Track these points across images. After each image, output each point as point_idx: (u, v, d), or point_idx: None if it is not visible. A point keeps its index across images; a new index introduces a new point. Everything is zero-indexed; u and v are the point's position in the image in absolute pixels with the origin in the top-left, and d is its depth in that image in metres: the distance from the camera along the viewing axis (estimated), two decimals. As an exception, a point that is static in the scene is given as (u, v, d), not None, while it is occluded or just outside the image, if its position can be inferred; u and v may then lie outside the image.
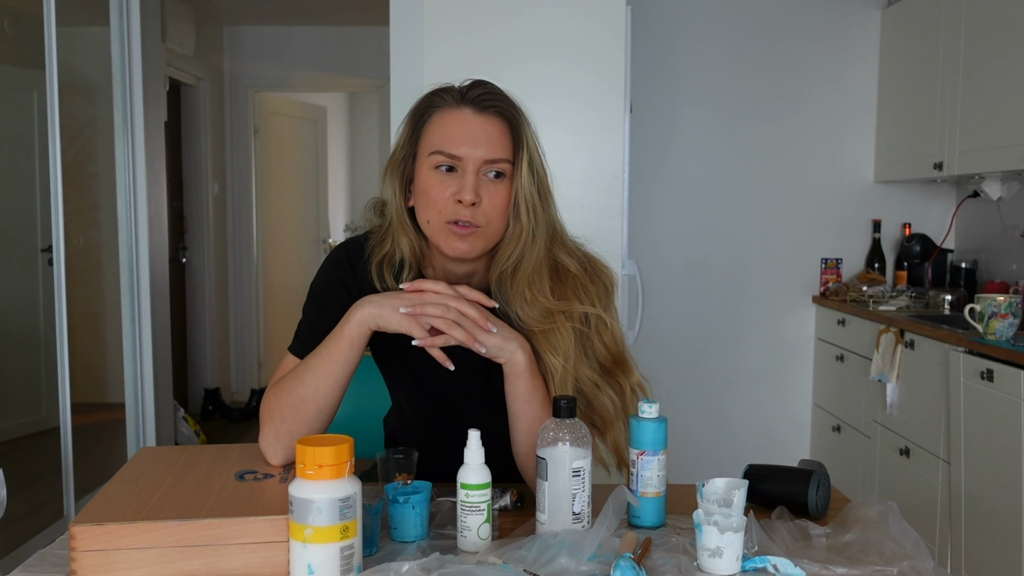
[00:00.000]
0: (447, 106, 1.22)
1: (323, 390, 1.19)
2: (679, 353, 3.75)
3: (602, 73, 2.47)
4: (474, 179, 1.19)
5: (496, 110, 1.22)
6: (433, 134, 1.22)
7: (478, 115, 1.21)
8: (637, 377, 1.29)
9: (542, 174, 1.24)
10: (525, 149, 1.22)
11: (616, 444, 1.26)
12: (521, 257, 1.23)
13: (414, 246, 1.27)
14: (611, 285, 1.33)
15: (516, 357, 1.20)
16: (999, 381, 2.40)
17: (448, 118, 1.22)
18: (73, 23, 3.44)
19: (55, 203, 3.12)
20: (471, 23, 2.46)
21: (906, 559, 1.04)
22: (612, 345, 1.28)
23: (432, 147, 1.21)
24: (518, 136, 1.22)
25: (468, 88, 1.24)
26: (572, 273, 1.28)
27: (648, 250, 3.68)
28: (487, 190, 1.20)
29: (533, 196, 1.21)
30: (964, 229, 3.63)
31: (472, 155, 1.19)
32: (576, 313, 1.25)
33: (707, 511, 1.04)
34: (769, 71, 3.71)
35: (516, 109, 1.24)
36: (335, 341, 1.19)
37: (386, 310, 1.17)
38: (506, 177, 1.21)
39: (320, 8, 5.02)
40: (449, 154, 1.19)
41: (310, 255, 6.28)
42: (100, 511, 1.02)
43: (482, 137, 1.20)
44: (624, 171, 2.50)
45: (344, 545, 0.95)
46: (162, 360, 3.76)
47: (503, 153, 1.20)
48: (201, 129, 5.23)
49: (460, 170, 1.20)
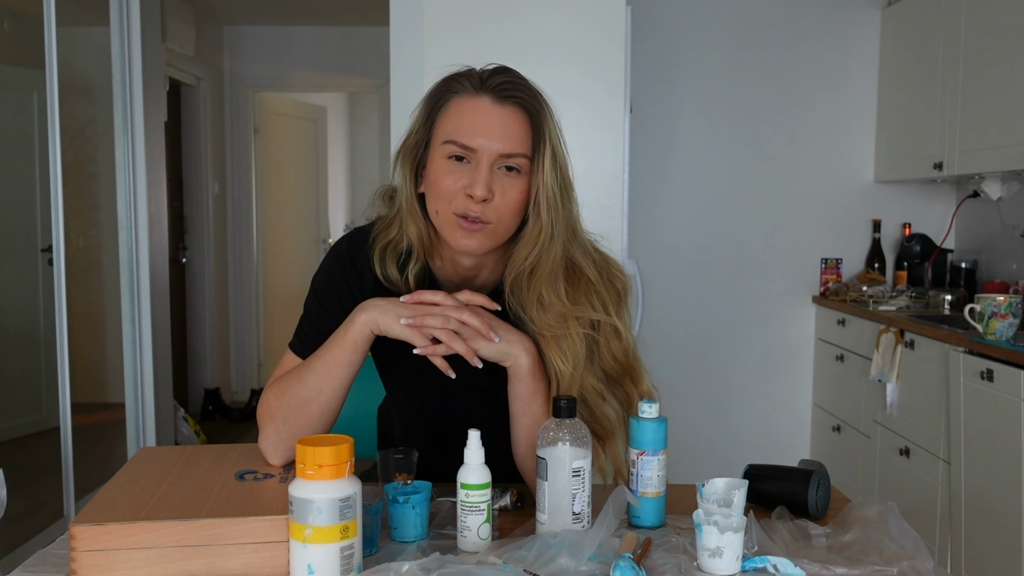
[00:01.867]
0: (465, 92, 1.16)
1: (326, 392, 1.18)
2: (679, 353, 3.75)
3: (602, 73, 2.46)
4: (487, 173, 1.13)
5: (516, 101, 1.16)
6: (448, 122, 1.16)
7: (497, 105, 1.15)
8: (647, 387, 1.25)
9: (564, 170, 1.19)
10: (547, 143, 1.15)
11: (615, 456, 1.23)
12: (539, 258, 1.18)
13: (423, 235, 1.22)
14: (624, 291, 1.28)
15: (520, 360, 1.17)
16: (999, 381, 2.40)
17: (465, 106, 1.15)
18: (73, 23, 3.45)
19: (55, 203, 3.12)
20: (471, 23, 2.46)
21: (906, 559, 1.04)
22: (621, 355, 1.24)
23: (446, 136, 1.15)
24: (539, 129, 1.16)
25: (489, 75, 1.17)
26: (586, 276, 1.23)
27: (648, 250, 3.68)
28: (500, 185, 1.14)
29: (555, 193, 1.16)
30: (964, 229, 3.63)
31: (488, 147, 1.13)
32: (589, 319, 1.21)
33: (707, 511, 1.04)
34: (769, 71, 3.71)
35: (538, 100, 1.18)
36: (338, 343, 1.17)
37: (389, 317, 1.14)
38: (521, 172, 1.15)
39: (320, 8, 5.02)
40: (463, 145, 1.13)
41: (310, 255, 6.28)
42: (100, 511, 1.02)
43: (499, 129, 1.14)
44: (624, 171, 2.50)
45: (344, 545, 0.95)
46: (162, 360, 3.76)
47: (521, 147, 1.15)
48: (201, 129, 5.23)
49: (474, 162, 1.14)
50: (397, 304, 1.16)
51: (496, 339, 1.15)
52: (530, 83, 1.20)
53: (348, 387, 1.20)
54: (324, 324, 1.23)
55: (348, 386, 1.20)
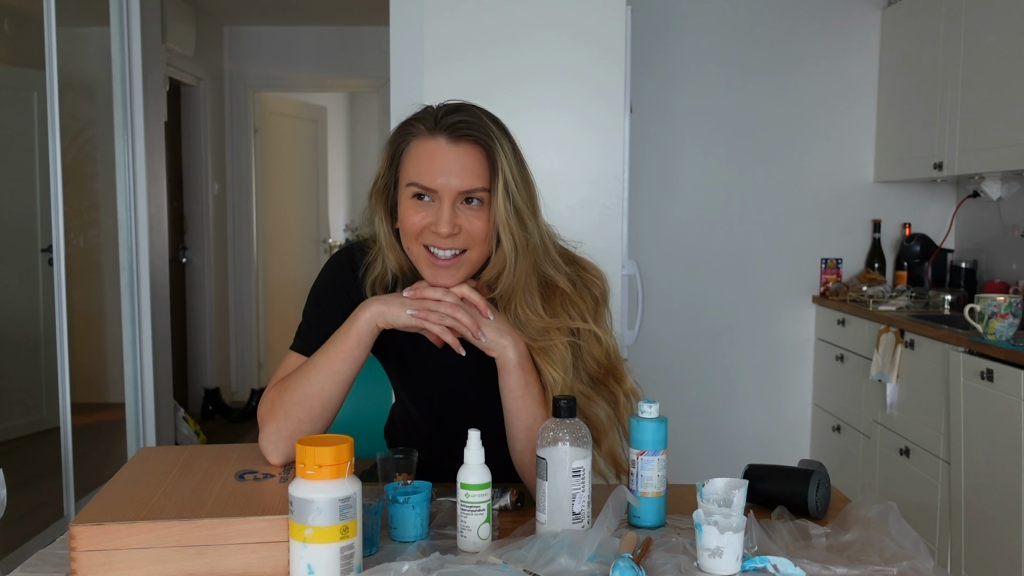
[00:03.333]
0: (421, 136, 1.21)
1: (329, 387, 1.21)
2: (679, 353, 3.75)
3: (602, 73, 2.46)
4: (450, 211, 1.19)
5: (471, 138, 1.20)
6: (409, 165, 1.22)
7: (452, 145, 1.20)
8: (630, 384, 1.31)
9: (520, 197, 1.22)
10: (500, 176, 1.20)
11: (612, 452, 1.27)
12: (510, 280, 1.23)
13: (404, 267, 1.29)
14: (602, 296, 1.33)
15: (507, 353, 1.22)
16: (999, 381, 2.40)
17: (423, 148, 1.21)
18: (73, 23, 3.44)
19: (55, 203, 3.12)
20: (471, 23, 2.46)
21: (906, 559, 1.04)
22: (603, 358, 1.30)
23: (408, 179, 1.21)
24: (493, 163, 1.20)
25: (444, 114, 1.22)
26: (560, 288, 1.28)
27: (648, 250, 3.68)
28: (465, 217, 1.20)
29: (510, 223, 1.20)
30: (964, 229, 3.63)
31: (447, 186, 1.19)
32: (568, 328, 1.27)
33: (707, 511, 1.04)
34: (769, 71, 3.71)
35: (490, 135, 1.21)
36: (342, 339, 1.20)
37: (395, 308, 1.20)
38: (483, 204, 1.21)
39: (320, 8, 5.02)
40: (424, 186, 1.20)
41: (310, 255, 6.27)
42: (100, 511, 1.02)
43: (456, 168, 1.19)
44: (624, 171, 2.50)
45: (344, 545, 0.95)
46: (162, 360, 3.76)
47: (479, 182, 1.20)
48: (201, 129, 5.23)
49: (436, 201, 1.20)
50: (400, 298, 1.22)
51: (483, 339, 1.21)
52: (484, 117, 1.24)
53: (350, 383, 1.23)
54: (325, 325, 1.26)
55: (351, 382, 1.23)
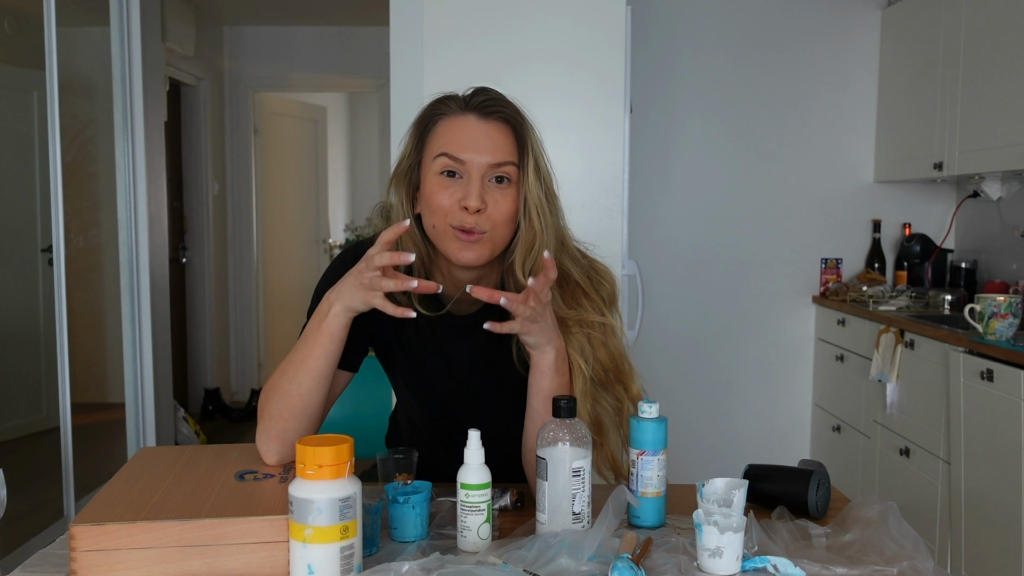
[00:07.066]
0: (451, 113, 1.23)
1: (307, 384, 1.19)
2: (679, 353, 3.75)
3: (602, 73, 2.46)
4: (479, 185, 1.19)
5: (500, 115, 1.23)
6: (437, 140, 1.22)
7: (482, 121, 1.21)
8: (637, 390, 1.29)
9: (548, 179, 1.24)
10: (530, 153, 1.22)
11: (612, 454, 1.26)
12: (534, 264, 1.22)
13: (421, 254, 1.26)
14: (611, 296, 1.33)
15: (547, 355, 1.20)
16: (999, 381, 2.40)
17: (452, 124, 1.22)
18: (73, 23, 3.45)
19: (55, 203, 3.12)
20: (471, 23, 2.46)
21: (906, 559, 1.04)
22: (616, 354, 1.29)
23: (437, 150, 1.21)
24: (522, 141, 1.22)
25: (471, 95, 1.25)
26: (575, 280, 1.28)
27: (648, 250, 3.68)
28: (492, 196, 1.20)
29: (542, 200, 1.21)
30: (964, 229, 3.63)
31: (477, 160, 1.19)
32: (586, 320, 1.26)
33: (707, 511, 1.04)
34: (769, 71, 3.71)
35: (520, 114, 1.25)
36: (315, 336, 1.18)
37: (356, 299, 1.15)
38: (511, 182, 1.21)
39: (320, 8, 5.02)
40: (454, 157, 1.19)
41: (310, 255, 6.27)
42: (100, 511, 1.02)
43: (486, 142, 1.20)
44: (624, 171, 2.50)
45: (344, 545, 0.95)
46: (162, 360, 3.76)
47: (508, 156, 1.21)
48: (201, 129, 5.23)
49: (465, 176, 1.20)
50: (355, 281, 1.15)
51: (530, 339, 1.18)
52: (509, 99, 1.26)
53: (328, 377, 1.20)
54: None
55: (329, 376, 1.21)
